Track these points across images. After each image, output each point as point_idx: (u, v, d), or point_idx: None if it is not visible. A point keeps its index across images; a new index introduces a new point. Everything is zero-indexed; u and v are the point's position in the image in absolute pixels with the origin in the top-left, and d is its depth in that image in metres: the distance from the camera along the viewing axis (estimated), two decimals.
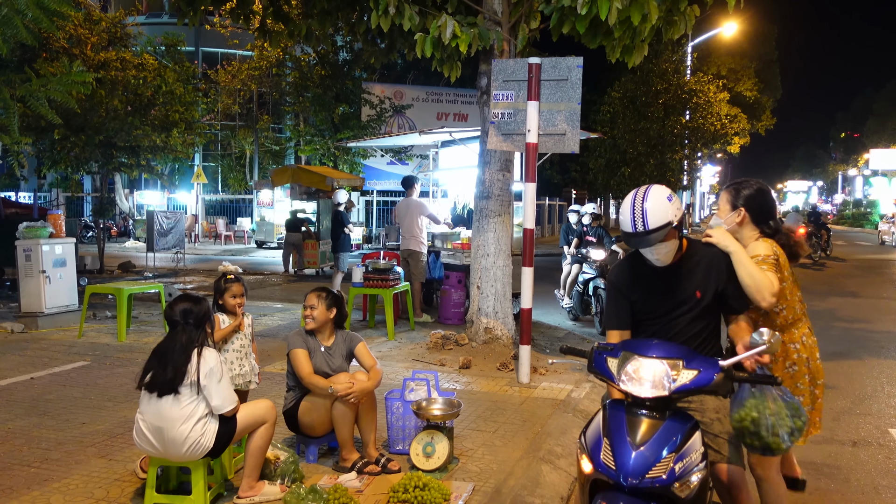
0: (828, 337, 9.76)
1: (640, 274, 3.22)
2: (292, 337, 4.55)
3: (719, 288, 3.13)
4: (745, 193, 3.44)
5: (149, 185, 31.37)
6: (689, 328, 3.14)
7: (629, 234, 3.01)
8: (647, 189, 3.03)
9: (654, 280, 3.18)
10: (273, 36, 9.19)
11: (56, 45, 13.44)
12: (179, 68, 16.31)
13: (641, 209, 2.95)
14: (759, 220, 3.42)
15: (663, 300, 3.18)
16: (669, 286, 3.16)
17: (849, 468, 4.97)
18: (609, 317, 3.34)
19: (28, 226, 9.10)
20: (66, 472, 4.29)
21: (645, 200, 2.97)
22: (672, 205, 2.98)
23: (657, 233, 2.95)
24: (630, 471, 2.51)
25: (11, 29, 6.41)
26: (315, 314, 4.52)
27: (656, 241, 2.97)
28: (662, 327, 3.17)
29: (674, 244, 3.06)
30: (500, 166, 7.54)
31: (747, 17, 36.20)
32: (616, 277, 3.34)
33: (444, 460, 4.29)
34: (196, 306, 3.74)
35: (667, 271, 3.14)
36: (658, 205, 2.96)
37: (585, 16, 6.07)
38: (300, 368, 4.38)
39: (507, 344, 7.49)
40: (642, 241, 2.99)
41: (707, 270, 3.14)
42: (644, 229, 2.95)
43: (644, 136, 31.14)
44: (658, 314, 3.20)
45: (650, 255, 3.08)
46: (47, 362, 7.15)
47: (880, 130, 65.59)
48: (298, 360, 4.40)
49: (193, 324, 3.69)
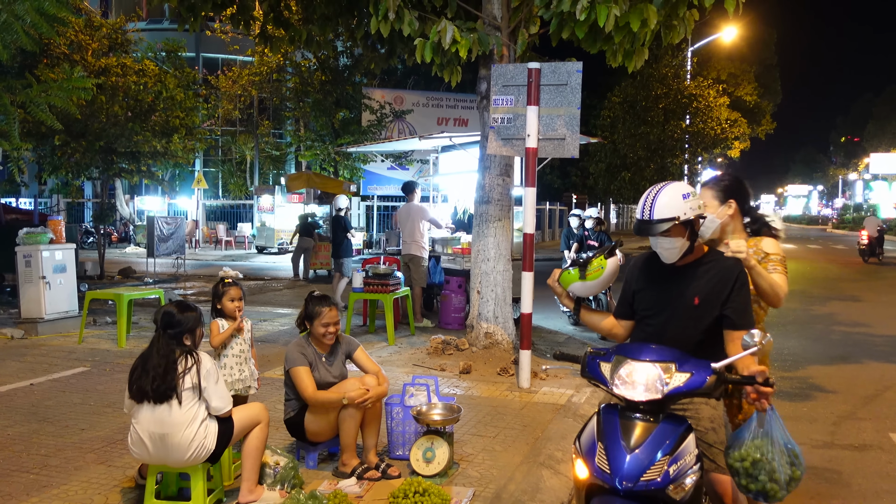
0: (828, 341, 9.76)
1: (649, 268, 3.26)
2: (291, 353, 4.35)
3: (721, 300, 3.06)
4: (728, 185, 3.57)
5: (149, 191, 31.45)
6: (684, 334, 3.09)
7: (638, 220, 3.08)
8: (667, 182, 3.11)
9: (659, 277, 3.20)
10: (273, 41, 9.21)
11: (57, 50, 13.48)
12: (180, 74, 16.38)
13: (653, 199, 3.01)
14: (743, 210, 3.58)
15: (660, 298, 3.18)
16: (670, 286, 3.16)
17: (850, 472, 4.95)
18: (617, 304, 3.44)
19: (28, 232, 9.10)
20: (65, 479, 4.28)
21: (660, 192, 3.03)
22: (685, 202, 3.00)
23: (659, 224, 2.98)
24: (625, 474, 2.51)
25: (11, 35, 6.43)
26: (335, 329, 4.41)
27: (657, 231, 3.00)
28: (657, 329, 3.15)
29: (680, 242, 3.05)
30: (500, 171, 7.54)
31: (747, 21, 36.25)
32: (631, 266, 3.40)
33: (444, 466, 4.27)
34: (180, 313, 3.73)
35: (674, 271, 3.15)
36: (669, 199, 3.00)
37: (584, 21, 6.08)
38: (303, 389, 4.22)
39: (508, 349, 7.48)
40: (646, 229, 3.03)
41: (713, 280, 3.09)
42: (649, 218, 3.01)
43: (644, 140, 31.20)
44: (653, 312, 3.19)
45: (656, 248, 3.13)
46: (47, 368, 7.15)
47: (880, 134, 65.73)
48: (301, 379, 4.24)
49: (172, 331, 3.68)
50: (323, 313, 4.33)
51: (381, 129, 24.20)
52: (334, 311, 4.41)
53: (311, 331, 4.39)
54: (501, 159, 7.50)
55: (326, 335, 4.37)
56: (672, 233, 3.01)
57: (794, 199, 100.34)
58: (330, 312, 4.36)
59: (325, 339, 4.38)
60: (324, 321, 4.33)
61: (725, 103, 34.08)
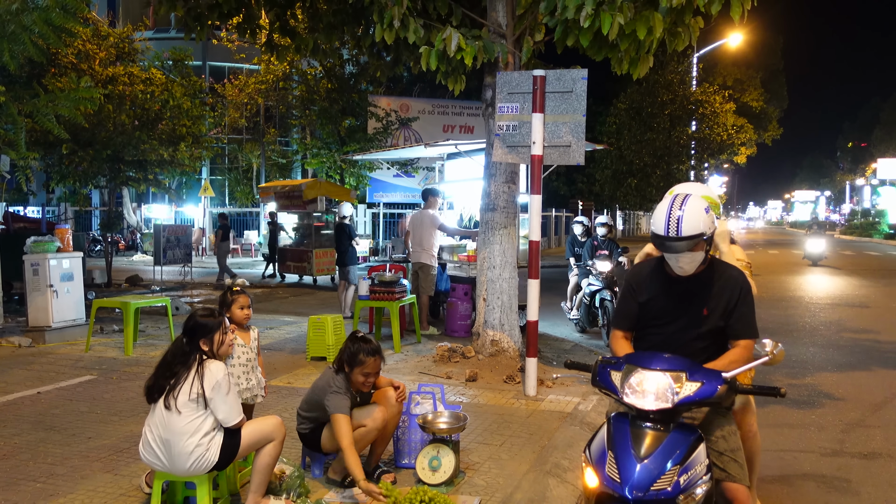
0: (836, 348, 9.70)
1: (656, 278, 3.21)
2: (336, 399, 4.08)
3: (727, 310, 3.08)
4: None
5: (156, 199, 31.52)
6: (693, 344, 3.10)
7: (661, 237, 3.00)
8: (686, 196, 3.04)
9: (668, 287, 3.17)
10: (280, 50, 9.25)
11: (64, 60, 13.54)
12: (187, 83, 16.41)
13: (678, 215, 2.96)
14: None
15: (670, 310, 3.16)
16: (680, 297, 3.14)
17: (859, 481, 4.91)
18: (617, 315, 3.38)
19: (36, 240, 9.14)
20: (71, 487, 4.28)
21: (683, 207, 2.98)
22: (708, 217, 3.00)
23: (689, 241, 2.95)
24: (635, 484, 2.50)
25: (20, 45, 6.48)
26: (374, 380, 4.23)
27: (686, 249, 2.97)
28: (665, 339, 3.15)
29: (700, 256, 3.04)
30: (506, 178, 7.54)
31: (752, 27, 36.24)
32: (632, 276, 3.34)
33: (450, 474, 4.26)
34: (199, 317, 3.76)
35: (682, 282, 3.12)
36: (695, 214, 2.96)
37: (588, 29, 6.08)
38: (342, 437, 3.98)
39: (514, 356, 7.47)
40: (672, 246, 2.98)
41: (719, 290, 3.11)
42: (677, 235, 2.95)
43: (650, 146, 31.19)
44: (661, 323, 3.18)
45: (674, 263, 3.07)
46: (54, 377, 7.16)
47: (888, 139, 65.50)
48: (341, 427, 4.00)
49: (188, 335, 3.71)
50: (367, 363, 4.13)
51: (387, 136, 24.24)
52: (378, 361, 4.19)
53: (350, 375, 4.17)
54: (507, 166, 7.50)
55: (366, 384, 4.20)
56: (696, 248, 3.00)
57: (802, 204, 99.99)
58: (374, 362, 4.16)
59: (364, 387, 4.21)
60: (365, 370, 4.14)
61: (732, 109, 34.08)
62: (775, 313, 12.56)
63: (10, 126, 7.31)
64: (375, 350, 4.17)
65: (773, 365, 2.82)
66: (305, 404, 4.41)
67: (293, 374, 7.33)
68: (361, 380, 4.16)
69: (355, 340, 4.20)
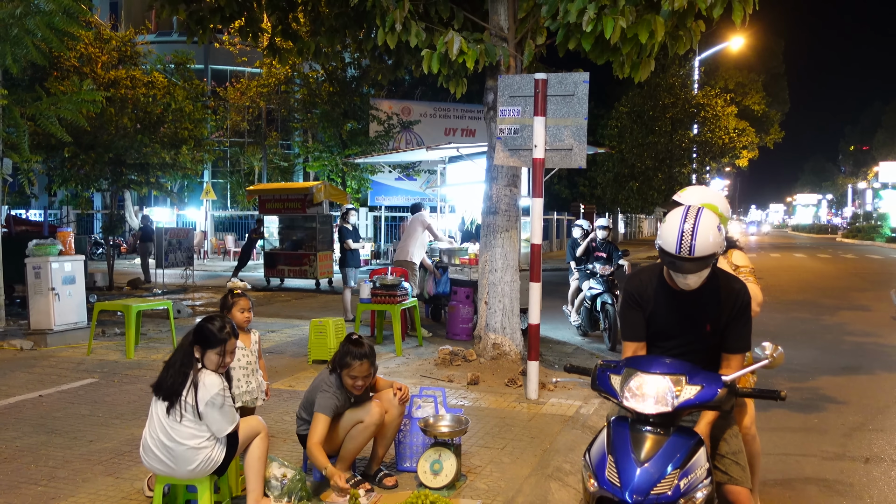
0: (839, 351, 9.68)
1: (658, 290, 3.10)
2: (322, 398, 4.11)
3: (725, 323, 3.03)
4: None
5: (158, 202, 31.56)
6: (693, 358, 3.02)
7: (671, 255, 2.85)
8: (699, 212, 2.88)
9: (670, 300, 3.07)
10: (282, 53, 9.27)
11: (67, 63, 13.59)
12: (189, 86, 16.46)
13: (692, 234, 2.80)
14: None
15: (673, 325, 3.09)
16: (683, 314, 3.06)
17: (862, 485, 4.90)
18: (625, 328, 3.21)
19: (38, 243, 9.14)
20: (73, 491, 4.28)
21: (697, 225, 2.82)
22: (720, 234, 2.86)
23: (701, 262, 2.83)
24: (635, 488, 2.49)
25: (22, 49, 6.50)
26: (363, 384, 4.18)
27: (696, 270, 2.85)
28: (667, 352, 3.08)
29: (708, 271, 2.92)
30: (508, 181, 7.55)
31: (754, 31, 36.26)
32: (633, 288, 3.19)
33: (451, 478, 4.25)
34: (202, 323, 3.75)
35: (685, 297, 3.02)
36: (708, 232, 2.81)
37: (590, 33, 6.08)
38: (311, 434, 4.04)
39: (516, 360, 7.46)
40: (683, 266, 2.84)
41: (721, 304, 3.03)
42: (689, 256, 2.80)
43: (652, 150, 31.18)
44: (664, 338, 3.12)
45: (681, 280, 2.92)
46: (56, 380, 7.16)
47: (889, 143, 65.48)
48: (316, 425, 4.05)
49: (188, 344, 3.69)
50: (353, 366, 4.08)
51: (389, 139, 24.28)
52: (366, 366, 4.13)
53: (340, 376, 4.16)
54: (509, 170, 7.51)
55: (354, 387, 4.16)
56: (706, 266, 2.90)
57: (804, 207, 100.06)
58: (361, 366, 4.10)
59: (354, 390, 4.17)
60: (352, 373, 4.10)
61: (733, 112, 34.05)
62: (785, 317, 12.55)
63: (13, 129, 7.33)
64: (364, 354, 4.12)
65: (773, 368, 2.81)
66: (303, 406, 4.43)
67: (295, 377, 7.33)
68: (350, 382, 4.13)
69: (347, 342, 4.21)
